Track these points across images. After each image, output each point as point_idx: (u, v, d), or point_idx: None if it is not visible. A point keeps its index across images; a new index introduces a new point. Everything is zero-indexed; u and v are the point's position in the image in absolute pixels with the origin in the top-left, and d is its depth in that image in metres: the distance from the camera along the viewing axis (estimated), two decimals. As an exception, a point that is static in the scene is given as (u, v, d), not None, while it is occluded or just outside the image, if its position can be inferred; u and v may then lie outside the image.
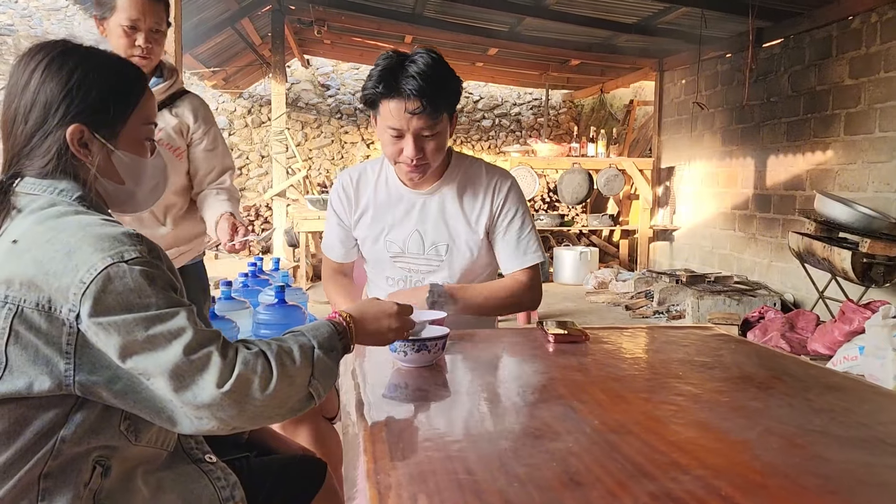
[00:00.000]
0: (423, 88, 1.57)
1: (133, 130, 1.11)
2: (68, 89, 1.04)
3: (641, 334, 1.74)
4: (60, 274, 0.93)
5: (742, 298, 5.34)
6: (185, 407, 0.94)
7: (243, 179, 10.49)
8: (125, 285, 0.94)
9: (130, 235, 0.98)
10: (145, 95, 1.12)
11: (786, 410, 1.08)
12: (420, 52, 1.62)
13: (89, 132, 1.06)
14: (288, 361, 1.00)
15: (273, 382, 0.97)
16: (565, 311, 5.88)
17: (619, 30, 6.52)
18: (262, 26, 8.02)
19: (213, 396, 0.93)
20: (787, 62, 5.62)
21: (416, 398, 1.20)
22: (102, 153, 1.08)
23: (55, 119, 1.04)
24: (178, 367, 0.93)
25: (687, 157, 7.22)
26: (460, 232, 1.81)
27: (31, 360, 0.94)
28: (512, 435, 1.00)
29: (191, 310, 0.98)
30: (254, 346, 1.01)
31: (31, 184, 1.05)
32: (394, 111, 1.61)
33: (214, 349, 0.96)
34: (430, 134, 1.65)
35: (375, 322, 1.18)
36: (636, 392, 1.18)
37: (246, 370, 0.96)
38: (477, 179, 1.83)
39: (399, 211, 1.83)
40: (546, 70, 8.73)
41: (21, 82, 1.05)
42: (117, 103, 1.08)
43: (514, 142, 10.43)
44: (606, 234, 8.73)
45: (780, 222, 5.73)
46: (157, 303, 0.95)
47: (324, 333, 1.08)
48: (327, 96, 10.96)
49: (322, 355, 1.05)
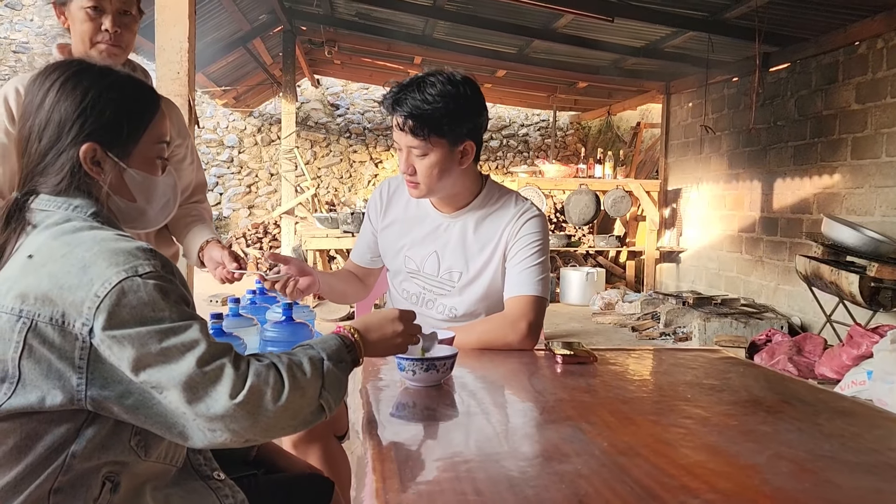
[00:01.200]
0: (410, 109, 1.61)
1: (145, 149, 1.12)
2: (82, 108, 1.06)
3: (649, 356, 1.74)
4: (75, 288, 0.94)
5: (749, 321, 5.32)
6: (198, 419, 0.95)
7: (252, 197, 10.56)
8: (139, 299, 0.95)
9: (144, 250, 1.00)
10: (158, 115, 1.14)
11: (795, 435, 1.08)
12: (440, 75, 1.64)
13: (102, 151, 1.08)
14: (299, 373, 1.01)
15: (285, 394, 0.98)
16: (571, 331, 5.87)
17: (627, 53, 6.57)
18: (274, 46, 8.13)
19: (226, 408, 0.94)
20: (794, 87, 5.65)
21: (425, 418, 1.20)
22: (115, 171, 1.10)
23: (69, 137, 1.06)
24: (192, 378, 0.94)
25: (694, 180, 7.23)
26: (476, 261, 1.79)
27: (43, 374, 0.95)
28: (521, 456, 1.00)
29: (203, 323, 0.99)
30: (265, 358, 1.01)
31: (45, 200, 1.07)
32: (395, 125, 1.68)
33: (227, 361, 0.97)
34: (419, 154, 1.67)
35: (379, 329, 1.19)
36: (645, 414, 1.18)
37: (258, 381, 0.97)
38: (504, 211, 1.80)
39: (423, 229, 1.84)
40: (554, 92, 8.80)
41: (36, 101, 1.07)
42: (130, 123, 1.10)
43: (522, 162, 10.48)
44: (613, 255, 8.72)
45: (787, 245, 5.72)
46: (171, 316, 0.96)
47: (332, 346, 1.09)
48: (336, 116, 11.05)
49: (332, 367, 1.06)
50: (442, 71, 1.67)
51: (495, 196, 1.82)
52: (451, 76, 1.65)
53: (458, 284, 1.81)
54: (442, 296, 1.83)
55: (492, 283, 1.80)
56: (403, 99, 1.62)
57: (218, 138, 10.63)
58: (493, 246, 1.79)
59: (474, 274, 1.80)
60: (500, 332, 1.68)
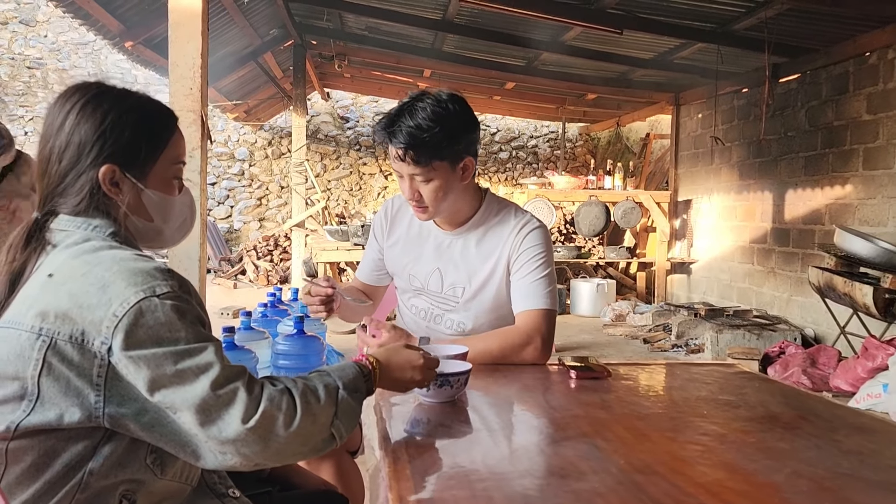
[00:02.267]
0: (406, 140, 1.60)
1: (162, 170, 1.13)
2: (101, 131, 1.07)
3: (663, 371, 1.73)
4: (94, 307, 0.95)
5: (762, 333, 5.28)
6: (209, 441, 0.95)
7: (263, 210, 10.61)
8: (156, 319, 0.96)
9: (162, 271, 1.01)
10: (175, 136, 1.15)
11: (814, 452, 1.07)
12: (427, 98, 1.64)
13: (120, 172, 1.09)
14: (312, 400, 1.01)
15: (297, 420, 0.98)
16: (582, 343, 5.85)
17: (636, 65, 6.57)
18: (284, 60, 8.19)
19: (238, 432, 0.95)
20: (804, 97, 5.64)
21: (439, 434, 1.20)
22: (133, 192, 1.11)
23: (88, 159, 1.07)
24: (205, 401, 0.94)
25: (704, 191, 7.21)
26: (479, 276, 1.80)
27: (62, 391, 0.95)
28: (537, 473, 1.00)
29: (218, 344, 1.00)
30: (279, 382, 1.02)
31: (65, 221, 1.08)
32: (392, 156, 1.67)
33: (241, 385, 0.97)
34: (423, 180, 1.67)
35: (400, 371, 1.20)
36: (661, 431, 1.17)
37: (271, 407, 0.97)
38: (504, 224, 1.80)
39: (426, 247, 1.85)
40: (563, 104, 8.81)
41: (56, 123, 1.08)
42: (148, 144, 1.11)
43: (531, 174, 10.49)
44: (623, 267, 8.70)
45: (800, 256, 5.69)
46: (187, 337, 0.97)
47: (349, 375, 1.10)
48: (346, 128, 11.11)
49: (346, 396, 1.06)
50: (427, 93, 1.66)
51: (495, 210, 1.83)
52: (437, 97, 1.64)
53: (461, 300, 1.82)
54: (448, 311, 1.84)
55: (496, 297, 1.80)
56: (398, 130, 1.61)
57: (229, 151, 10.71)
58: (496, 259, 1.79)
59: (477, 288, 1.80)
60: (513, 347, 1.67)
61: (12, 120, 10.41)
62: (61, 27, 11.55)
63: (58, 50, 11.40)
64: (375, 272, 2.01)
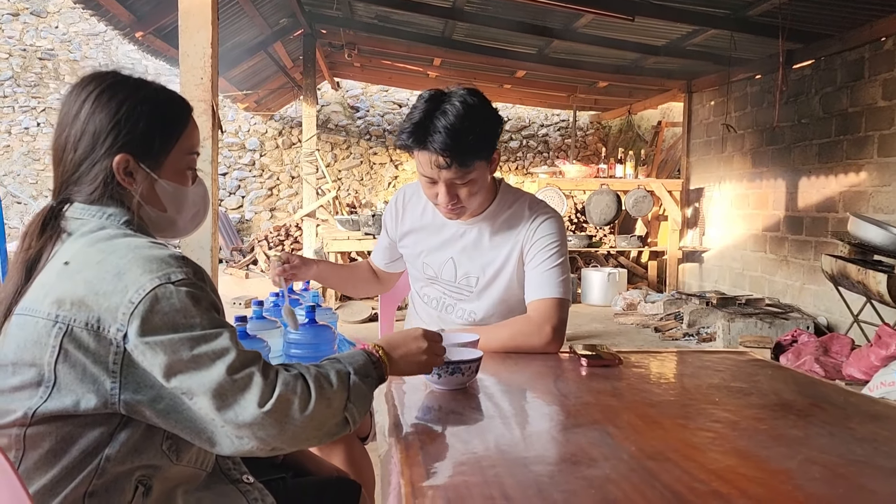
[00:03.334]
0: (450, 144, 1.56)
1: (176, 160, 1.14)
2: (117, 120, 1.08)
3: (674, 359, 1.73)
4: (110, 294, 0.96)
5: (774, 321, 5.26)
6: (226, 426, 0.96)
7: (274, 200, 10.64)
8: (172, 306, 0.97)
9: (177, 258, 1.02)
10: (189, 126, 1.16)
11: (827, 439, 1.06)
12: (454, 98, 1.60)
13: (135, 162, 1.09)
14: (325, 384, 1.02)
15: (312, 404, 0.99)
16: (593, 332, 5.84)
17: (648, 52, 6.52)
18: (294, 50, 8.19)
19: (254, 416, 0.95)
20: (819, 84, 5.57)
21: (451, 421, 1.20)
22: (146, 182, 1.11)
23: (103, 148, 1.08)
24: (221, 386, 0.95)
25: (716, 179, 7.16)
26: (493, 266, 1.79)
27: (78, 378, 0.96)
28: (548, 460, 1.00)
29: (233, 330, 1.01)
30: (293, 368, 1.03)
31: (79, 209, 1.08)
32: (423, 162, 1.62)
33: (256, 370, 0.98)
34: (462, 182, 1.64)
35: (403, 346, 1.20)
36: (672, 418, 1.17)
37: (286, 391, 0.98)
38: (519, 214, 1.79)
39: (439, 237, 1.85)
40: (573, 92, 8.76)
41: (72, 112, 1.09)
42: (162, 134, 1.12)
43: (542, 163, 10.46)
44: (635, 256, 8.66)
45: (813, 244, 5.65)
46: (202, 323, 0.98)
47: (359, 361, 1.11)
48: (356, 118, 11.10)
49: (358, 381, 1.07)
50: (446, 93, 1.62)
51: (510, 200, 1.82)
52: (462, 96, 1.60)
53: (475, 289, 1.82)
54: (461, 300, 1.84)
55: (508, 287, 1.80)
56: (435, 135, 1.56)
57: (240, 142, 10.73)
58: (509, 249, 1.78)
59: (490, 278, 1.80)
60: (525, 335, 1.67)
61: (24, 111, 10.48)
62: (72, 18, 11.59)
63: (69, 41, 11.44)
64: (388, 260, 2.04)
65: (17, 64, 10.92)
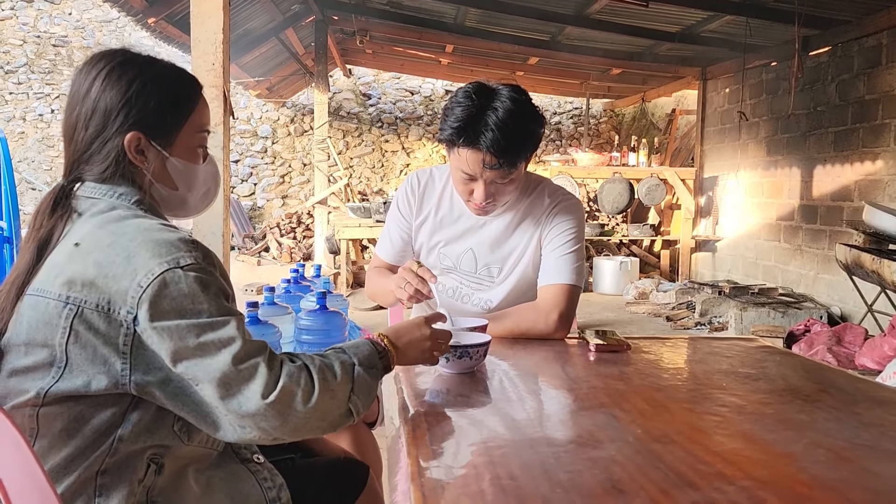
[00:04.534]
0: (502, 145, 1.52)
1: (187, 138, 1.13)
2: (127, 98, 1.07)
3: (683, 345, 1.73)
4: (120, 277, 0.97)
5: (787, 311, 5.23)
6: (229, 415, 0.97)
7: (286, 187, 10.67)
8: (180, 290, 0.97)
9: (186, 241, 1.01)
10: (200, 104, 1.15)
11: (833, 424, 1.06)
12: (502, 96, 1.55)
13: (146, 139, 1.09)
14: (329, 376, 1.02)
15: (315, 395, 0.99)
16: (604, 321, 5.84)
17: (662, 38, 6.47)
18: (306, 36, 8.18)
19: (257, 406, 0.96)
20: (835, 71, 5.51)
21: (458, 404, 1.21)
22: (158, 160, 1.11)
23: (114, 126, 1.07)
24: (226, 375, 0.96)
25: (731, 167, 7.11)
26: (514, 255, 1.78)
27: (89, 359, 0.98)
28: (554, 442, 1.01)
29: (241, 318, 1.01)
30: (297, 359, 1.03)
31: (91, 188, 1.09)
32: (469, 160, 1.57)
33: (261, 360, 0.98)
34: (502, 182, 1.62)
35: (408, 334, 1.20)
36: (679, 402, 1.17)
37: (290, 382, 0.98)
38: (538, 202, 1.77)
39: (457, 227, 1.80)
40: (587, 79, 8.71)
41: (83, 90, 1.09)
42: (173, 112, 1.11)
43: (554, 151, 10.42)
44: (647, 245, 8.63)
45: (827, 234, 5.60)
46: (210, 310, 0.98)
47: (364, 352, 1.10)
48: (368, 105, 11.10)
49: (362, 372, 1.07)
50: (496, 90, 1.57)
51: (529, 187, 1.79)
52: (512, 97, 1.56)
53: (496, 279, 1.80)
54: (479, 290, 1.82)
55: (524, 273, 1.79)
56: (484, 135, 1.52)
57: (252, 129, 10.76)
58: (529, 237, 1.77)
59: (511, 267, 1.79)
60: (531, 322, 1.67)
61: (38, 98, 10.56)
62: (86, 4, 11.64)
63: (82, 27, 11.50)
64: (402, 252, 1.91)
65: (31, 51, 10.99)
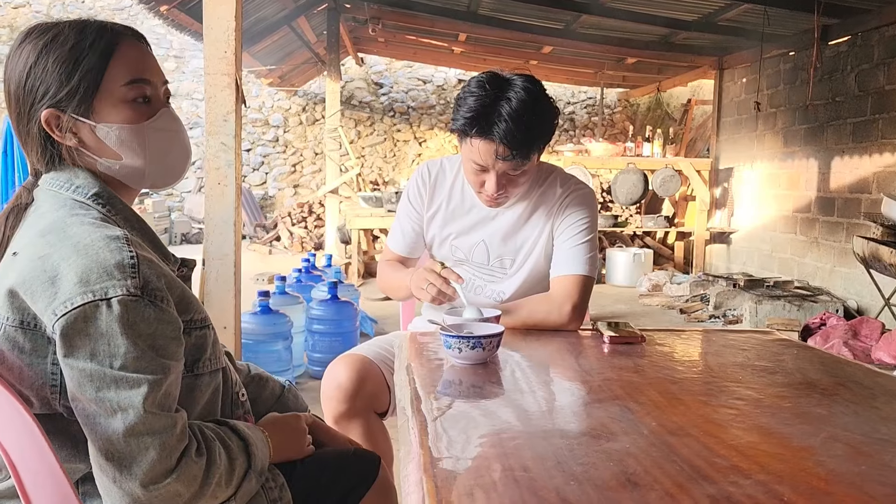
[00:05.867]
0: (515, 137, 1.51)
1: (111, 95, 0.99)
2: (27, 72, 0.97)
3: (698, 337, 1.71)
4: (39, 296, 0.89)
5: (803, 304, 5.18)
6: (104, 476, 0.89)
7: (297, 176, 10.68)
8: (97, 328, 0.87)
9: (125, 267, 0.89)
10: (118, 52, 0.99)
11: (851, 418, 1.05)
12: (516, 86, 1.54)
13: (63, 113, 0.98)
14: (223, 484, 0.96)
15: (199, 502, 0.93)
16: (617, 313, 5.81)
17: (678, 27, 6.39)
18: (318, 24, 8.16)
19: (132, 492, 0.87)
20: (855, 60, 5.42)
21: (471, 395, 1.20)
22: (87, 132, 0.99)
23: (27, 107, 0.98)
24: (111, 443, 0.87)
25: (747, 158, 7.04)
26: (526, 247, 1.76)
27: (17, 381, 0.93)
28: (568, 434, 1.00)
29: (156, 382, 0.89)
30: (204, 450, 0.93)
31: (49, 180, 1.01)
32: (482, 150, 1.55)
33: (157, 442, 0.88)
34: (514, 173, 1.60)
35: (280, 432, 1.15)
36: (694, 395, 1.16)
37: (182, 480, 0.89)
38: (550, 192, 1.75)
39: (469, 219, 1.79)
40: (601, 68, 8.63)
41: (4, 77, 1.01)
42: (81, 74, 0.97)
43: (568, 141, 10.35)
44: (661, 236, 8.57)
45: (844, 226, 5.53)
46: (124, 360, 0.87)
47: (265, 459, 1.05)
48: (380, 94, 11.07)
49: (252, 482, 1.02)
50: (509, 80, 1.56)
51: (541, 177, 1.78)
52: (526, 87, 1.54)
53: (509, 271, 1.79)
54: (492, 282, 1.80)
55: (537, 265, 1.78)
56: (497, 125, 1.51)
57: (263, 118, 10.77)
58: (541, 228, 1.76)
59: (523, 259, 1.78)
60: (544, 313, 1.65)
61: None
62: (100, -7, 11.65)
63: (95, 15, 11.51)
64: (414, 244, 1.88)
65: (47, 40, 11.03)
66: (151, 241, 1.06)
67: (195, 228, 10.09)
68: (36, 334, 0.91)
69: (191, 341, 1.02)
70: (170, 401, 0.92)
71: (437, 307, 1.73)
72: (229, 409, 1.14)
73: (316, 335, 3.77)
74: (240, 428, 1.04)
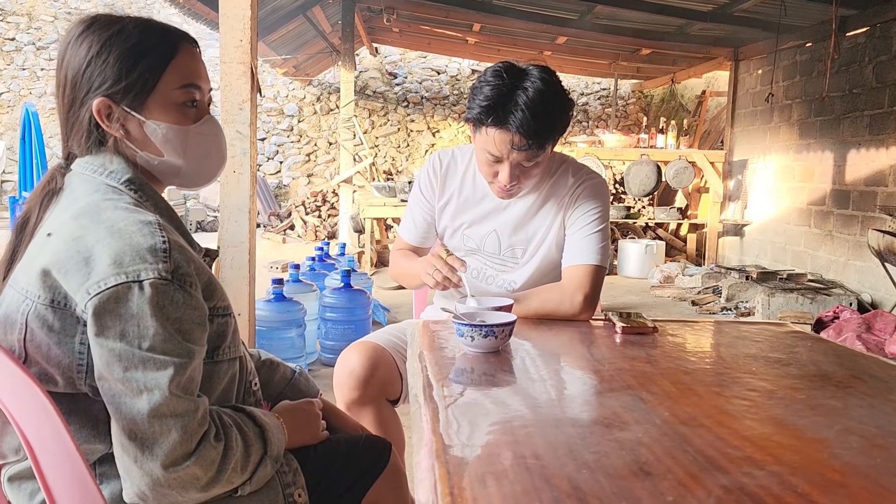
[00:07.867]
0: (532, 126, 1.50)
1: (164, 96, 1.03)
2: (87, 61, 1.00)
3: (711, 328, 1.71)
4: (72, 275, 0.91)
5: (816, 297, 5.14)
6: (126, 456, 0.90)
7: (311, 165, 10.70)
8: (128, 310, 0.89)
9: (158, 251, 0.92)
10: (178, 56, 1.04)
11: (866, 410, 1.04)
12: (532, 76, 1.53)
13: (115, 104, 1.01)
14: (239, 468, 0.98)
15: (215, 486, 0.95)
16: (629, 304, 5.80)
17: (694, 18, 6.33)
18: (333, 14, 8.15)
19: (151, 471, 0.89)
20: (873, 52, 5.36)
21: (483, 383, 1.21)
22: (135, 125, 1.03)
23: (81, 93, 1.01)
24: (136, 423, 0.88)
25: (761, 150, 6.98)
26: (538, 236, 1.76)
27: (44, 358, 0.95)
28: (580, 422, 1.00)
29: (182, 365, 0.91)
30: (222, 436, 0.95)
31: (83, 164, 1.04)
32: (497, 140, 1.55)
33: (180, 424, 0.90)
34: (528, 164, 1.60)
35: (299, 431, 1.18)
36: (707, 385, 1.15)
37: (200, 465, 0.91)
38: (562, 182, 1.75)
39: (481, 209, 1.78)
40: (616, 59, 8.57)
41: (57, 61, 1.05)
42: (141, 70, 1.01)
43: (581, 132, 10.30)
44: (673, 228, 8.53)
45: (859, 219, 5.48)
46: (152, 342, 0.89)
47: (280, 445, 1.07)
48: (394, 84, 11.05)
49: (267, 467, 1.03)
50: (525, 70, 1.55)
51: (553, 167, 1.77)
52: (542, 77, 1.53)
53: (521, 261, 1.79)
54: (503, 272, 1.81)
55: (548, 254, 1.77)
56: (514, 115, 1.50)
57: (278, 107, 10.79)
58: (553, 217, 1.76)
59: (535, 248, 1.78)
60: (556, 302, 1.65)
61: (70, 75, 10.67)
62: (115, -18, 11.69)
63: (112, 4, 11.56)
64: (426, 234, 1.89)
65: (62, 27, 11.09)
66: (178, 228, 1.08)
67: (210, 216, 10.15)
68: (66, 313, 0.92)
69: (213, 328, 1.03)
70: (193, 385, 0.94)
71: (449, 296, 1.74)
72: (242, 398, 1.16)
73: (329, 323, 3.78)
74: (256, 415, 1.06)
